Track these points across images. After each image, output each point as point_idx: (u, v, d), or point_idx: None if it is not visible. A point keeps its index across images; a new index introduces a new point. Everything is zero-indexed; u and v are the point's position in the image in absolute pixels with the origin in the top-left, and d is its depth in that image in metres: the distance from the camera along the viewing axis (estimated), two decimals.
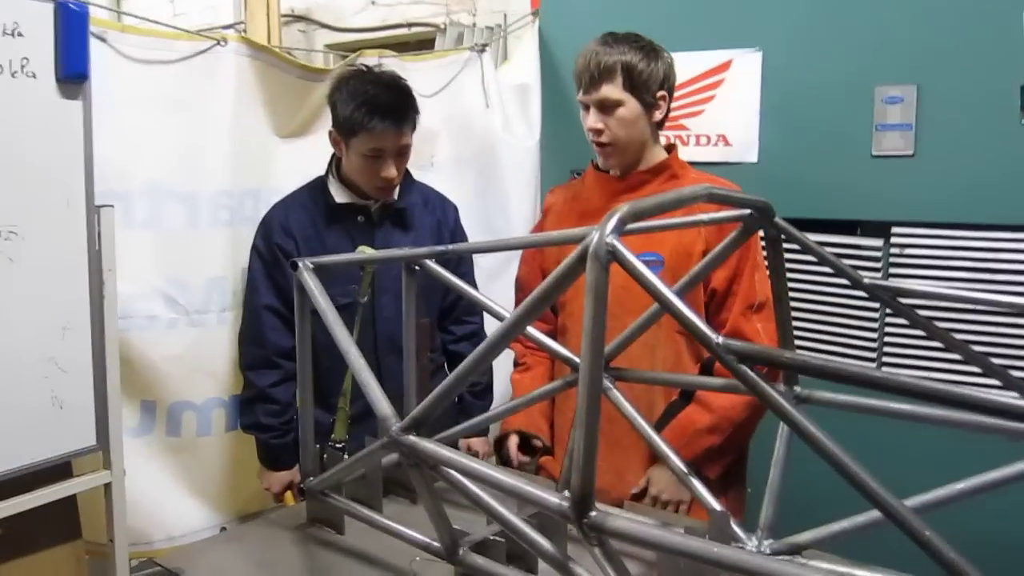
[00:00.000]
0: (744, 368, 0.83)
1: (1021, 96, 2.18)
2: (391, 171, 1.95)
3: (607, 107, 1.83)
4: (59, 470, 1.75)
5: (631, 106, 1.83)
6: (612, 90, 1.81)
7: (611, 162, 1.90)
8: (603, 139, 1.85)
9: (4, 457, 1.61)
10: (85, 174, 1.70)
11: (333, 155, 2.07)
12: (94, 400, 1.76)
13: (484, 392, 2.23)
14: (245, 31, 3.10)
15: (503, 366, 2.14)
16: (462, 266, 2.14)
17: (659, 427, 1.79)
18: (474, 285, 1.99)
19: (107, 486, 1.81)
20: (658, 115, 1.87)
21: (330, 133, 2.00)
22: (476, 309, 2.16)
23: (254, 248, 2.06)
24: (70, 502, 1.82)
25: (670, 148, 1.96)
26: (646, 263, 1.66)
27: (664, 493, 1.80)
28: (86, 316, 1.73)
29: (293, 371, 1.86)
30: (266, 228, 2.04)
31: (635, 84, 1.82)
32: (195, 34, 2.06)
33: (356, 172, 1.99)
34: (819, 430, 0.84)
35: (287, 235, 2.01)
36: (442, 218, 2.15)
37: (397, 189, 2.05)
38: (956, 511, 1.12)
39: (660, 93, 1.85)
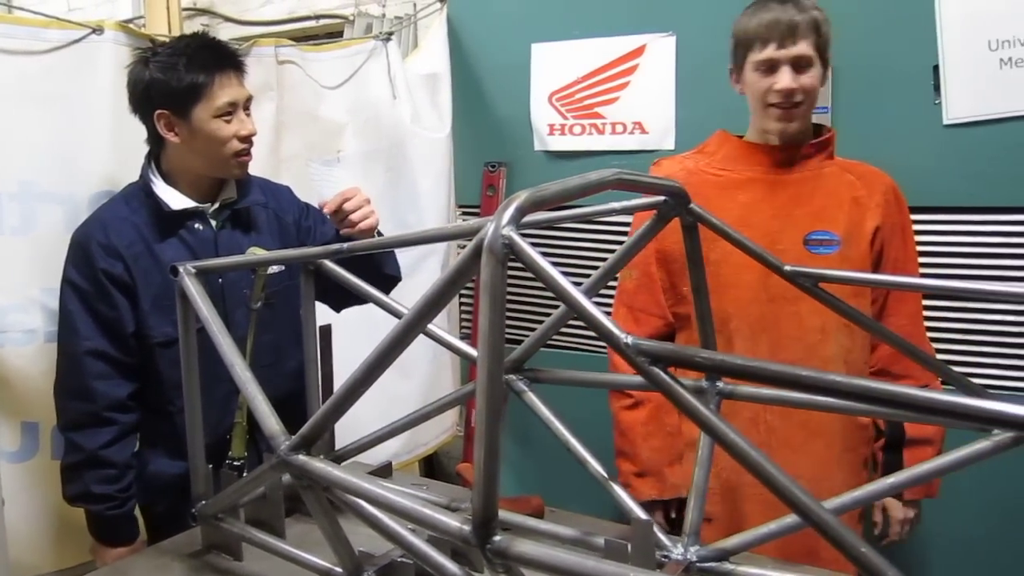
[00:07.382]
0: (656, 370, 0.75)
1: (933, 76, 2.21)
2: (250, 124, 1.73)
3: (801, 66, 1.66)
4: None
5: (818, 67, 1.68)
6: (808, 47, 1.65)
7: (793, 127, 1.70)
8: (797, 98, 1.67)
9: None
10: None
11: (148, 157, 1.78)
12: None
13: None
14: (144, 26, 2.92)
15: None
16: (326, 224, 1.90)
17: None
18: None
19: None
20: (824, 81, 1.74)
21: (158, 119, 1.68)
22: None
23: (67, 282, 1.71)
24: None
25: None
26: (820, 242, 1.70)
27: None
28: None
29: (130, 426, 1.70)
30: (81, 253, 1.69)
31: (821, 44, 1.67)
32: (66, 21, 1.89)
33: (206, 150, 1.70)
34: (736, 432, 0.76)
35: (111, 256, 1.68)
36: (276, 208, 1.88)
37: (234, 186, 1.81)
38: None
39: (828, 56, 1.71)
